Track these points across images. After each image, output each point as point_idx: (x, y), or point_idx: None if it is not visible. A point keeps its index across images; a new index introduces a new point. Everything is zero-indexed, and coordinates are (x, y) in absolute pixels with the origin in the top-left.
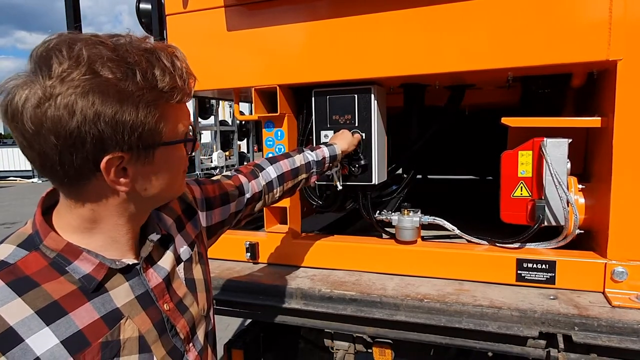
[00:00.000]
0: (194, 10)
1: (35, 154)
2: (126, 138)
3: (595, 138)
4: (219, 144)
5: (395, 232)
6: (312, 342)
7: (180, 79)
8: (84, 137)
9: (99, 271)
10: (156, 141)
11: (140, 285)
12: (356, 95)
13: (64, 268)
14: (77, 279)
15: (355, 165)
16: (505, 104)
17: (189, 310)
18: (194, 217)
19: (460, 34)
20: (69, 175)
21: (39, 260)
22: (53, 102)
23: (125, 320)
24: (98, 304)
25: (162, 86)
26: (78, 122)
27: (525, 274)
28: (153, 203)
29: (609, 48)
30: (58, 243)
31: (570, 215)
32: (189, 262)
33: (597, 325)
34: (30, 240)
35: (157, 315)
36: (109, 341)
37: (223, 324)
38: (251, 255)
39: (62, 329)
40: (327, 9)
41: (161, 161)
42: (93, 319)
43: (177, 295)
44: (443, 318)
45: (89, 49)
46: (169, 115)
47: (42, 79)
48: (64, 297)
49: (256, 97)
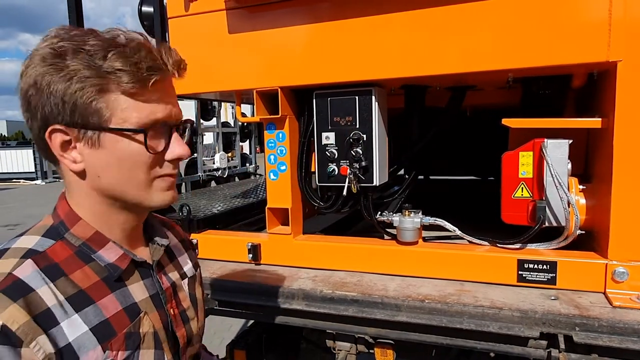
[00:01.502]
0: (195, 13)
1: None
2: (61, 109)
3: (596, 139)
4: (221, 146)
5: (396, 233)
6: (314, 343)
7: (136, 65)
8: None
9: (122, 261)
10: (95, 122)
11: (152, 285)
12: (357, 97)
13: (89, 256)
14: (101, 267)
15: (357, 166)
16: (505, 105)
17: (190, 323)
18: (194, 252)
19: (461, 35)
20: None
21: (65, 250)
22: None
23: (144, 314)
24: (119, 296)
25: (108, 66)
26: (36, 88)
27: (526, 275)
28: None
29: (608, 49)
30: (86, 231)
31: (571, 216)
32: (193, 280)
33: (598, 325)
34: (54, 230)
35: (165, 317)
36: (132, 332)
37: (226, 324)
38: (253, 257)
39: (90, 317)
40: (328, 11)
41: (108, 147)
42: (117, 310)
43: (181, 305)
44: (444, 318)
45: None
46: (117, 101)
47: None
48: (90, 286)
49: (258, 99)
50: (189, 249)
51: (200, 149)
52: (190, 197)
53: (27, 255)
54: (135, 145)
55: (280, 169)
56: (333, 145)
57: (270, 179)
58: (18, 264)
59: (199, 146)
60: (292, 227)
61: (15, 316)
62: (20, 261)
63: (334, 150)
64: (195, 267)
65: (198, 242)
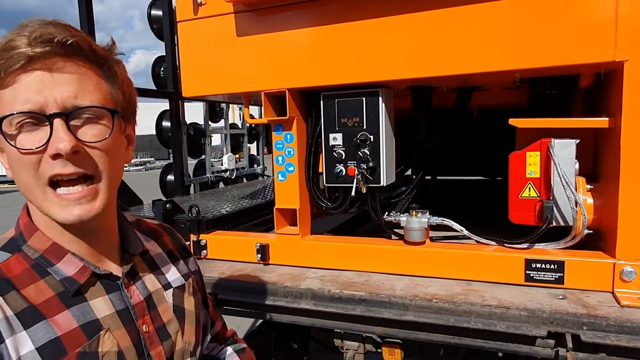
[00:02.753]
0: (204, 16)
1: None
2: None
3: (603, 138)
4: (229, 147)
5: (403, 233)
6: (322, 342)
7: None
8: None
9: (81, 274)
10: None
11: (120, 300)
12: (364, 98)
13: (45, 270)
14: (57, 281)
15: (364, 167)
16: (512, 105)
17: (171, 338)
18: (189, 257)
19: (467, 36)
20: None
21: (20, 263)
22: None
23: (105, 332)
24: (77, 313)
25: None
26: None
27: (533, 274)
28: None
29: (615, 49)
30: (43, 242)
31: (579, 216)
32: (181, 290)
33: (606, 324)
34: (13, 243)
35: (136, 334)
36: (87, 352)
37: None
38: (262, 257)
39: (39, 334)
40: (335, 13)
41: (5, 152)
42: (71, 327)
43: (160, 319)
44: (452, 318)
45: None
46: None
47: None
48: (43, 302)
49: (266, 101)
50: (181, 258)
51: (208, 151)
52: (199, 198)
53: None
54: (6, 142)
55: (288, 170)
56: (340, 146)
57: (278, 180)
58: None
59: (207, 148)
60: (300, 227)
61: None
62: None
63: (342, 151)
64: (185, 277)
65: (207, 242)
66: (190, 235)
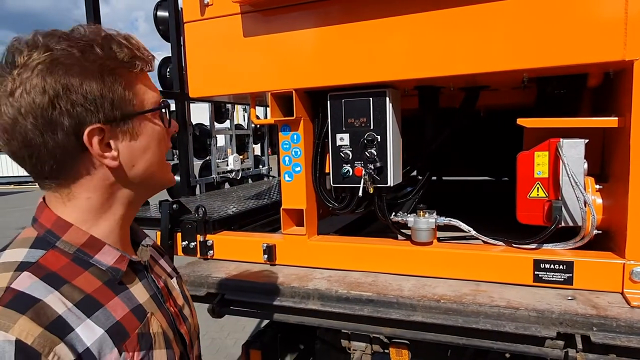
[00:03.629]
0: (211, 17)
1: (19, 143)
2: (99, 107)
3: (613, 138)
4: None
5: (411, 233)
6: (329, 343)
7: (138, 50)
8: (60, 112)
9: (121, 262)
10: (130, 111)
11: (149, 286)
12: (371, 99)
13: (87, 262)
14: (101, 272)
15: (371, 167)
16: (520, 105)
17: (188, 320)
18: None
19: (475, 36)
20: (56, 157)
21: (59, 258)
22: (23, 88)
23: (150, 315)
24: (125, 299)
25: (121, 57)
26: (50, 98)
27: (542, 275)
28: (144, 187)
29: (625, 48)
30: (80, 236)
31: (588, 216)
32: (180, 279)
33: (616, 325)
34: (42, 241)
35: (168, 316)
36: (143, 333)
37: (239, 325)
38: (268, 257)
39: (102, 320)
40: (342, 13)
41: (141, 132)
42: (125, 312)
43: (178, 304)
44: (460, 318)
45: (43, 35)
46: (135, 84)
47: (9, 73)
48: (95, 291)
49: (272, 102)
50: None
51: (214, 151)
52: (205, 198)
53: (21, 268)
54: (157, 123)
55: (295, 171)
56: (347, 146)
57: (285, 180)
58: (13, 277)
59: (213, 148)
60: (307, 227)
61: (28, 328)
62: (14, 274)
63: (348, 152)
64: (175, 270)
65: (214, 242)
66: (197, 235)
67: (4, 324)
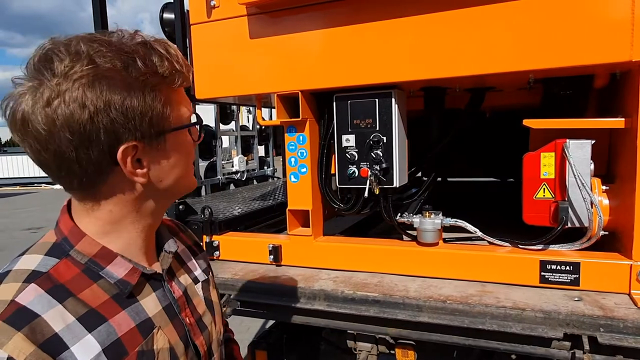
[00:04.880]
0: (217, 19)
1: (50, 156)
2: (137, 125)
3: (619, 139)
4: (240, 149)
5: (416, 234)
6: (334, 344)
7: (178, 64)
8: (97, 128)
9: (132, 275)
10: (165, 127)
11: (164, 296)
12: (377, 100)
13: (97, 274)
14: (110, 285)
15: (377, 168)
16: (525, 106)
17: (207, 329)
18: (203, 252)
19: (482, 37)
20: (87, 173)
21: (70, 268)
22: (62, 99)
23: (157, 330)
24: (132, 313)
25: (162, 71)
26: (90, 113)
27: (549, 276)
28: (169, 197)
29: (631, 49)
30: (92, 247)
31: (594, 217)
32: (207, 283)
33: (623, 326)
34: (58, 248)
35: (181, 328)
36: (144, 350)
37: (244, 326)
38: (274, 258)
39: (103, 335)
40: (348, 15)
41: (172, 148)
42: (129, 327)
43: (197, 312)
44: (466, 319)
45: (85, 44)
46: (172, 100)
47: (47, 79)
48: (101, 305)
49: (278, 103)
50: (198, 253)
51: (219, 153)
52: (211, 199)
53: (30, 278)
54: (188, 137)
55: (301, 172)
56: (353, 147)
57: (291, 181)
58: (20, 289)
59: (218, 149)
60: (313, 228)
61: (21, 346)
62: (22, 286)
63: (354, 153)
64: (206, 271)
65: (220, 243)
66: (203, 236)
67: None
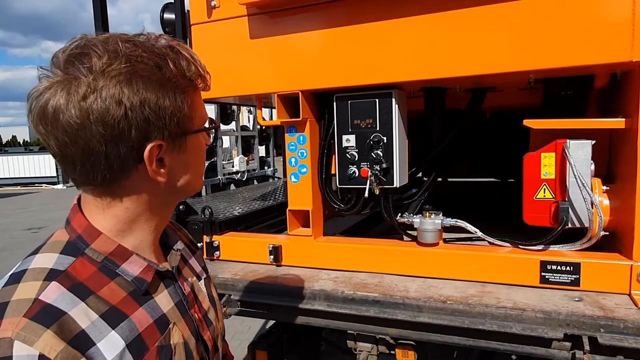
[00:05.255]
0: (217, 19)
1: (78, 149)
2: (167, 124)
3: (620, 139)
4: (240, 149)
5: (417, 234)
6: (334, 344)
7: (202, 69)
8: (130, 125)
9: (147, 273)
10: (189, 128)
11: (175, 292)
12: (377, 100)
13: (113, 272)
14: (127, 282)
15: (377, 168)
16: (526, 106)
17: (213, 324)
18: (198, 250)
19: (482, 37)
20: (113, 168)
21: (87, 267)
22: (98, 95)
23: (172, 325)
24: (149, 309)
25: (189, 75)
26: (125, 109)
27: (549, 276)
28: (179, 197)
29: (632, 49)
30: (109, 245)
31: (595, 217)
32: (208, 280)
33: (624, 327)
34: (73, 247)
35: (192, 324)
36: (163, 345)
37: (244, 326)
38: (274, 258)
39: (126, 332)
40: (348, 15)
41: (190, 149)
42: (148, 323)
43: (203, 308)
44: (466, 319)
45: (122, 43)
46: (196, 103)
47: (82, 75)
48: (120, 302)
49: (279, 103)
50: (195, 251)
51: (220, 153)
52: (211, 199)
53: (50, 276)
54: (203, 139)
55: (301, 172)
56: (353, 147)
57: (291, 181)
58: (42, 287)
59: (219, 150)
60: (313, 228)
61: (52, 343)
62: (44, 284)
63: (355, 153)
64: (205, 269)
65: (220, 243)
66: (203, 236)
67: (29, 337)
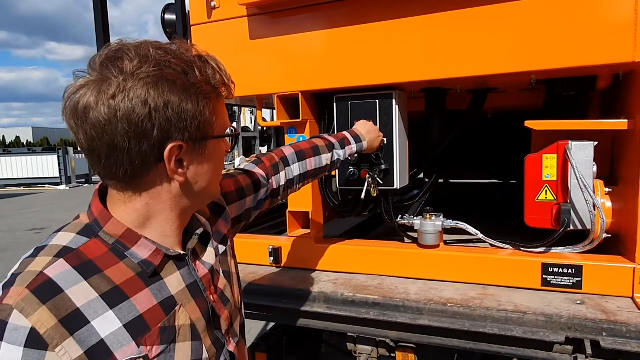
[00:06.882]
0: (218, 20)
1: (104, 144)
2: (188, 126)
3: (622, 140)
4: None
5: (417, 236)
6: (334, 346)
7: (226, 78)
8: (153, 124)
9: (155, 256)
10: (209, 133)
11: (189, 275)
12: (377, 101)
13: (123, 253)
14: (135, 264)
15: (377, 169)
16: (527, 107)
17: (230, 301)
18: (224, 212)
19: (484, 37)
20: (134, 164)
21: (99, 247)
22: (126, 95)
23: (179, 307)
24: (155, 291)
25: (214, 82)
26: (150, 109)
27: (551, 279)
28: (200, 200)
29: (635, 49)
30: (118, 229)
31: (597, 219)
32: (224, 255)
33: (626, 330)
34: (89, 229)
35: (205, 305)
36: (166, 327)
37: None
38: (274, 260)
39: (124, 312)
40: (349, 16)
41: (210, 154)
42: (152, 305)
43: (219, 288)
44: (467, 322)
45: (153, 49)
46: (218, 110)
47: (114, 76)
48: (124, 282)
49: (279, 104)
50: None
51: None
52: None
53: (61, 253)
54: (223, 147)
55: None
56: None
57: None
58: (50, 262)
59: None
60: (313, 230)
61: (44, 319)
62: (53, 260)
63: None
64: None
65: None
66: None
67: (26, 309)
